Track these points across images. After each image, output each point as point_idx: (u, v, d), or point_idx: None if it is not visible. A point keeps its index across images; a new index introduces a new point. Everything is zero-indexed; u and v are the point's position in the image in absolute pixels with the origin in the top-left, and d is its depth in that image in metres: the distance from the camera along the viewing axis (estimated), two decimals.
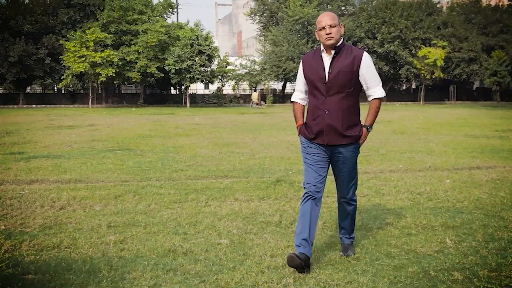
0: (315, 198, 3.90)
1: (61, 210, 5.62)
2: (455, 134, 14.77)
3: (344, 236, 4.22)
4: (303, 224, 3.82)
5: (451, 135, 14.63)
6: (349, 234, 4.23)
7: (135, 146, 12.07)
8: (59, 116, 25.79)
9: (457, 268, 3.77)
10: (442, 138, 13.70)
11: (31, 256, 4.06)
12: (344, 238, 4.23)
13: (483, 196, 6.27)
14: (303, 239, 3.76)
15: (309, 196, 3.90)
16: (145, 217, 5.32)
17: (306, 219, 3.82)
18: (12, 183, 7.20)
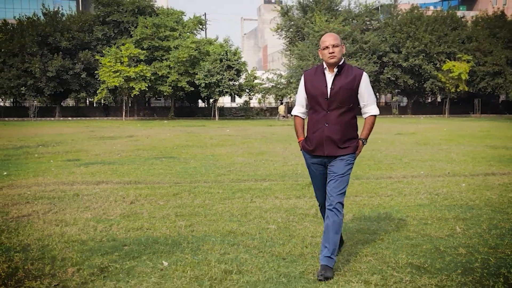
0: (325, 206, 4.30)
1: (132, 204, 6.71)
2: (476, 145, 15.53)
3: (324, 256, 3.99)
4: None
5: (472, 145, 15.39)
6: (329, 253, 3.99)
7: (177, 155, 13.20)
8: (97, 128, 27.23)
9: (462, 246, 4.71)
10: (463, 148, 14.48)
11: (122, 234, 5.15)
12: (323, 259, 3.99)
13: (493, 196, 7.15)
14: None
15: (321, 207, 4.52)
16: (203, 209, 6.37)
17: None
18: (82, 184, 8.36)
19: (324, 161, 4.21)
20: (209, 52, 39.34)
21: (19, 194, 7.33)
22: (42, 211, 6.21)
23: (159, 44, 39.64)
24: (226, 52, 38.75)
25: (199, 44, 39.69)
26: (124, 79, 36.64)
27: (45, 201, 6.80)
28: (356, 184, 8.23)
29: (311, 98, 4.22)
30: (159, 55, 40.09)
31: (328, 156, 4.16)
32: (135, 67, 37.42)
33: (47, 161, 11.89)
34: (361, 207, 6.50)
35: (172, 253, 4.49)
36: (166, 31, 39.80)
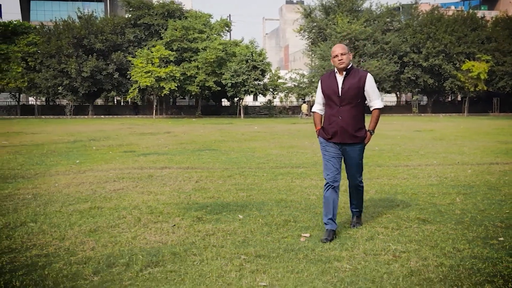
0: (334, 186, 5.07)
1: (197, 182, 8.40)
2: (488, 141, 16.92)
3: (354, 209, 5.46)
4: (327, 207, 5.06)
5: (484, 141, 16.79)
6: (357, 208, 5.44)
7: (217, 147, 14.89)
8: (133, 125, 29.14)
9: (458, 209, 6.27)
10: (475, 143, 15.90)
11: (200, 200, 6.83)
12: (354, 211, 5.48)
13: (492, 179, 8.66)
14: (329, 219, 5.01)
15: (329, 185, 5.08)
16: (255, 186, 8.02)
17: (329, 204, 5.05)
18: (149, 168, 10.09)
19: (338, 146, 5.13)
20: (235, 53, 41.08)
21: (103, 176, 9.09)
22: (130, 186, 7.94)
23: (188, 45, 41.50)
24: (251, 53, 40.47)
25: (226, 45, 41.45)
26: (155, 79, 38.57)
27: (128, 180, 8.55)
28: (378, 170, 9.81)
29: (326, 96, 5.14)
30: (188, 56, 41.97)
31: (342, 143, 5.10)
32: (165, 67, 39.32)
33: (107, 152, 13.69)
34: (382, 186, 8.08)
35: (242, 211, 6.16)
36: (194, 33, 41.64)
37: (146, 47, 41.87)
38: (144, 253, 4.45)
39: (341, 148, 5.14)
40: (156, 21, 43.37)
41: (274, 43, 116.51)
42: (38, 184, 8.24)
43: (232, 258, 4.33)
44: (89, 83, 41.89)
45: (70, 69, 40.73)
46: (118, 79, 42.76)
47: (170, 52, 39.96)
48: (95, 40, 41.65)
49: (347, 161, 5.21)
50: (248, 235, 5.09)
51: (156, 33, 44.16)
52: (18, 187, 8.02)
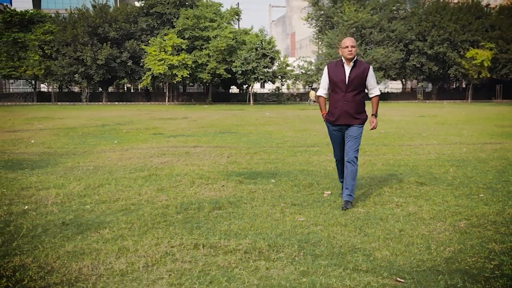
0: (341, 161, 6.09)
1: (228, 158, 9.79)
2: (486, 125, 18.23)
3: (346, 194, 5.69)
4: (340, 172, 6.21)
5: (483, 125, 18.10)
6: (349, 192, 5.66)
7: (236, 131, 16.27)
8: (150, 112, 30.56)
9: (450, 176, 7.64)
10: (474, 127, 17.22)
11: (236, 169, 8.23)
12: (345, 196, 5.69)
13: (483, 155, 10.02)
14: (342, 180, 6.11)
15: (338, 162, 6.19)
16: (279, 160, 9.42)
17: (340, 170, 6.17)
18: (183, 147, 11.51)
19: (343, 128, 5.80)
20: (245, 42, 42.33)
21: (146, 153, 10.51)
22: (173, 160, 9.36)
23: (199, 34, 42.76)
24: (261, 42, 41.72)
25: (236, 34, 42.68)
26: (168, 67, 39.90)
27: (169, 156, 9.97)
28: (384, 148, 11.20)
29: (333, 83, 5.76)
30: (199, 44, 43.25)
31: (346, 125, 5.77)
32: (178, 55, 40.63)
33: (137, 134, 15.12)
34: (387, 160, 9.46)
35: (273, 177, 7.56)
36: (205, 22, 42.87)
37: (159, 36, 43.15)
38: (208, 201, 5.87)
39: (343, 129, 5.84)
40: (168, 10, 44.60)
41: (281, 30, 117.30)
42: (93, 159, 9.67)
43: (274, 205, 5.75)
44: (103, 70, 43.30)
45: (85, 57, 42.13)
46: (131, 66, 44.13)
47: (182, 40, 41.25)
48: (109, 29, 42.94)
49: (347, 136, 5.83)
50: (282, 192, 6.51)
51: (168, 21, 45.42)
52: (77, 161, 9.45)
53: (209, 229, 4.79)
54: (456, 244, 4.34)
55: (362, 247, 4.27)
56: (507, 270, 3.73)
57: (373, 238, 4.50)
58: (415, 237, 4.54)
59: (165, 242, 4.36)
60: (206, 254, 4.08)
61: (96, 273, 3.67)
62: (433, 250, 4.18)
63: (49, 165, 8.99)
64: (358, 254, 4.08)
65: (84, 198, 6.21)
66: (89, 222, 5.03)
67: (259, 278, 3.56)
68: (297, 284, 3.45)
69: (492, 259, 3.96)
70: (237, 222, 5.04)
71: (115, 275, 3.65)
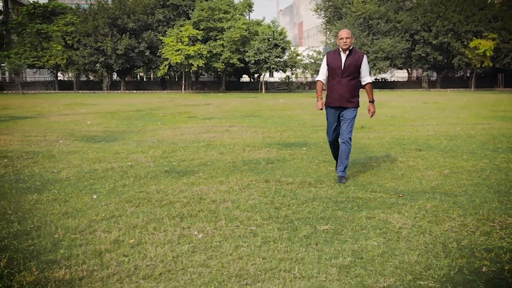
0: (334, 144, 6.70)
1: (263, 134, 11.92)
2: (483, 110, 20.27)
3: (340, 170, 6.36)
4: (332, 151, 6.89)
5: (480, 110, 20.14)
6: (343, 168, 6.34)
7: (259, 115, 18.39)
8: (172, 99, 32.71)
9: (443, 145, 9.76)
10: (471, 111, 19.27)
11: (272, 141, 10.39)
12: (339, 172, 6.37)
13: (473, 132, 12.11)
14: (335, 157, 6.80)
15: (331, 143, 6.73)
16: (305, 136, 11.54)
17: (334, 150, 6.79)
18: (221, 126, 13.65)
19: (338, 110, 6.38)
20: (257, 32, 44.34)
21: (193, 130, 12.67)
22: (219, 136, 11.53)
23: (214, 25, 44.81)
24: (273, 32, 43.75)
25: (249, 25, 44.69)
26: (184, 57, 41.99)
27: (214, 132, 12.13)
28: (390, 127, 13.32)
29: (331, 69, 6.34)
30: (214, 35, 45.30)
31: (341, 107, 6.34)
32: (193, 46, 42.71)
33: (174, 117, 17.26)
34: (392, 135, 11.57)
35: (304, 146, 9.72)
36: (220, 13, 44.89)
37: (175, 27, 45.21)
38: (261, 159, 8.04)
39: (339, 111, 6.41)
40: (184, 2, 46.62)
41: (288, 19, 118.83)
42: (152, 135, 11.84)
43: (310, 161, 7.91)
44: (122, 60, 45.46)
45: (105, 47, 44.27)
46: (148, 56, 46.27)
47: (197, 31, 43.31)
48: (127, 20, 45.01)
49: (342, 119, 6.41)
50: (314, 154, 8.67)
51: (183, 13, 47.44)
52: (140, 136, 11.62)
53: (270, 173, 6.96)
54: (439, 180, 6.48)
55: (375, 181, 6.42)
56: (469, 190, 5.86)
57: (383, 178, 6.66)
58: (412, 177, 6.69)
59: (244, 179, 6.54)
60: (275, 184, 6.25)
61: (209, 196, 5.82)
62: (423, 183, 6.33)
63: (118, 139, 11.16)
64: (374, 185, 6.22)
65: (167, 159, 8.37)
66: (184, 171, 7.21)
67: (313, 194, 5.72)
68: (337, 197, 5.60)
69: (461, 186, 6.10)
70: (288, 170, 7.21)
71: (223, 193, 5.81)
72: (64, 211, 5.06)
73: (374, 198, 5.53)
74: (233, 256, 3.76)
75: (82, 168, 7.43)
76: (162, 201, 5.43)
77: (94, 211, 5.04)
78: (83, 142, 10.50)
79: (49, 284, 3.26)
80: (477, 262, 3.64)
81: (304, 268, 3.51)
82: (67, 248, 3.96)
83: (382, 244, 4.00)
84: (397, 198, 5.54)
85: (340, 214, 4.87)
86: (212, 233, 4.30)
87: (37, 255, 3.81)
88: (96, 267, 3.56)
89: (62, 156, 8.58)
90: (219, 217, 4.78)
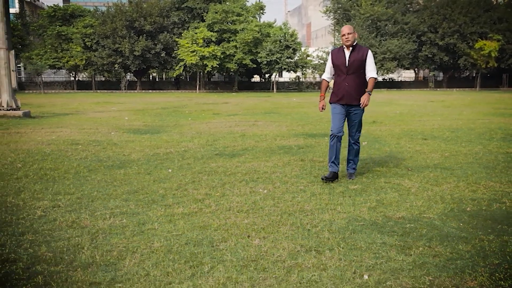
0: (338, 137, 6.28)
1: (286, 127, 13.52)
2: (485, 107, 21.78)
3: (351, 167, 6.51)
4: (332, 153, 6.34)
5: (482, 108, 21.65)
6: (354, 165, 6.51)
7: (277, 112, 19.99)
8: (190, 98, 34.37)
9: (445, 135, 11.33)
10: (474, 109, 20.78)
11: (300, 132, 12.00)
12: (350, 169, 6.51)
13: (472, 126, 13.65)
14: (332, 162, 6.33)
15: (334, 136, 6.30)
16: (325, 128, 13.11)
17: (334, 150, 6.32)
18: (247, 122, 15.26)
19: (344, 106, 6.27)
20: (269, 34, 46.00)
21: (224, 124, 14.29)
22: (248, 128, 13.13)
23: (227, 27, 46.52)
24: (285, 34, 45.40)
25: (261, 27, 46.35)
26: (199, 58, 43.70)
27: (242, 126, 13.74)
28: (399, 122, 14.89)
29: (336, 66, 6.24)
30: (227, 37, 47.00)
31: (348, 104, 6.21)
32: (208, 47, 44.41)
33: (200, 114, 18.89)
34: (402, 128, 13.13)
35: (326, 136, 11.30)
36: (233, 16, 46.59)
37: (190, 29, 46.93)
38: (292, 145, 9.66)
39: (346, 109, 6.29)
40: (198, 5, 48.35)
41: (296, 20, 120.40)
42: (190, 128, 13.47)
43: None
44: (139, 61, 47.24)
45: (123, 48, 46.05)
46: (164, 57, 48.02)
47: (211, 33, 45.01)
48: (144, 23, 46.77)
49: (350, 119, 6.36)
50: None
51: (198, 15, 49.18)
52: (178, 129, 13.25)
53: (303, 155, 8.57)
54: (441, 160, 8.06)
55: (389, 160, 8.00)
56: (464, 166, 7.43)
57: (395, 158, 8.24)
58: (419, 158, 8.27)
59: (283, 159, 8.15)
60: (309, 162, 7.85)
61: (261, 169, 7.42)
62: (428, 161, 7.91)
63: (161, 131, 12.78)
64: (388, 163, 7.81)
65: (212, 146, 9.98)
66: (231, 154, 8.83)
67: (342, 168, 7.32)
68: (360, 170, 7.19)
69: (458, 164, 7.68)
70: (317, 153, 8.82)
71: (270, 167, 7.41)
72: (152, 179, 6.68)
73: (389, 171, 7.13)
74: (293, 202, 5.37)
75: (146, 152, 9.06)
76: (226, 172, 7.05)
77: (177, 179, 6.66)
78: (132, 134, 12.13)
79: (175, 216, 4.88)
80: (464, 205, 5.24)
81: (343, 208, 5.12)
82: (174, 197, 5.59)
83: (397, 196, 5.60)
84: (407, 171, 7.13)
85: (365, 180, 6.48)
86: (273, 190, 5.92)
87: (153, 202, 5.43)
88: (203, 207, 5.18)
89: (123, 144, 10.22)
90: (275, 181, 6.41)
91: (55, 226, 4.56)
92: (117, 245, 4.04)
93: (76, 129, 12.98)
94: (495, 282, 3.30)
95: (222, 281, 3.32)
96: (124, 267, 3.58)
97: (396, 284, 3.27)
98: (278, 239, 4.17)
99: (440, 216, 4.82)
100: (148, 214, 4.93)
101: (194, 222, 4.64)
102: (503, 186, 6.08)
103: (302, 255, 3.77)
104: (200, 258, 3.73)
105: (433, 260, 3.70)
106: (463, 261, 3.67)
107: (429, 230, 4.38)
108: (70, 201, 5.47)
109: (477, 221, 4.66)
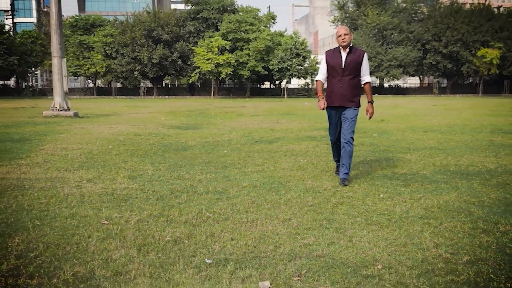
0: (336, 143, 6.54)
1: (308, 124, 15.69)
2: (483, 110, 23.89)
3: (343, 172, 6.14)
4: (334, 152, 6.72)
5: (480, 110, 23.76)
6: (346, 170, 6.11)
7: (294, 113, 22.17)
8: (207, 103, 36.63)
9: (443, 129, 13.49)
10: (473, 111, 22.89)
11: (320, 127, 14.19)
12: (342, 174, 6.14)
13: (468, 123, 15.78)
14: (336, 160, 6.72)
15: (333, 142, 6.60)
16: None
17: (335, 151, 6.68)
18: (269, 121, 17.45)
19: (339, 109, 6.20)
20: (281, 42, 48.36)
21: (250, 122, 16.48)
22: (274, 125, 15.32)
23: (241, 36, 48.92)
24: (295, 43, 47.76)
25: (273, 35, 48.74)
26: (214, 65, 46.08)
27: (268, 123, 15.92)
28: (404, 121, 17.05)
29: (331, 68, 6.15)
30: (240, 45, 49.40)
31: (342, 106, 6.15)
32: (222, 55, 46.80)
33: (223, 116, 21.09)
34: (407, 124, 15.27)
35: None
36: (246, 25, 49.00)
37: (205, 38, 49.37)
38: (316, 135, 11.84)
39: (340, 111, 6.22)
40: (213, 15, 50.83)
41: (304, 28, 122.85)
42: (222, 126, 15.66)
43: None
44: (157, 68, 49.68)
45: (142, 56, 48.51)
46: (180, 65, 50.44)
47: (226, 42, 47.40)
48: (162, 32, 49.26)
49: (343, 118, 6.20)
50: None
51: (212, 25, 51.65)
52: (214, 126, 15.45)
53: (327, 140, 10.74)
54: (436, 145, 10.21)
55: (395, 144, 10.16)
56: (454, 148, 9.60)
57: (399, 143, 10.41)
58: (419, 143, 10.42)
59: (312, 143, 10.34)
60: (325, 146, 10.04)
61: (298, 149, 9.59)
62: (426, 145, 10.06)
63: (200, 128, 14.98)
64: (393, 146, 9.97)
65: (249, 136, 12.16)
66: (268, 141, 11.02)
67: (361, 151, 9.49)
68: (373, 150, 9.36)
69: (449, 147, 9.84)
70: None
71: (304, 148, 9.59)
72: (215, 156, 8.85)
73: (395, 150, 9.32)
74: (328, 165, 7.56)
75: (198, 141, 11.25)
76: (271, 151, 9.26)
77: (234, 156, 8.83)
78: (177, 129, 14.34)
79: (247, 173, 7.09)
80: (448, 167, 7.40)
81: (363, 167, 7.30)
82: (240, 164, 7.78)
83: (401, 163, 7.77)
84: (409, 150, 9.31)
85: (377, 155, 8.66)
86: (311, 160, 8.12)
87: (227, 167, 7.62)
88: (264, 168, 7.38)
89: (176, 136, 12.42)
90: (310, 155, 8.62)
91: (166, 179, 6.73)
92: (218, 186, 6.22)
93: (129, 125, 15.21)
94: (460, 197, 5.48)
95: (291, 197, 5.51)
96: (231, 193, 5.76)
97: (399, 199, 5.44)
98: (323, 181, 6.37)
99: (431, 173, 6.99)
100: (227, 172, 7.11)
101: (263, 175, 6.84)
102: (480, 158, 8.25)
103: (339, 187, 5.96)
104: (276, 189, 5.93)
105: (424, 189, 5.89)
106: (443, 190, 5.85)
107: (422, 179, 6.56)
108: (165, 167, 7.66)
109: (456, 175, 6.83)
